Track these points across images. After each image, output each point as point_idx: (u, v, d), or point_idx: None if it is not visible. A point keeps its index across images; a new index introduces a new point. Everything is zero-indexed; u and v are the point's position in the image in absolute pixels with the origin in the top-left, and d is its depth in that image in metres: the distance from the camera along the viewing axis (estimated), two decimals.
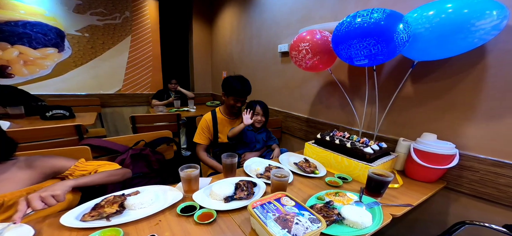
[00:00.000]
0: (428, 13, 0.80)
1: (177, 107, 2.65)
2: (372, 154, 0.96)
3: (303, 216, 0.63)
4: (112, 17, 2.71)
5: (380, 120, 1.17)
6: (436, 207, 1.05)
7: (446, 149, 0.89)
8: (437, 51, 0.85)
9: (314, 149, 1.17)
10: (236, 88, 1.31)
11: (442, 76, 0.97)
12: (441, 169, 0.90)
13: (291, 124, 1.87)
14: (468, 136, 0.92)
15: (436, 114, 1.00)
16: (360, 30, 0.85)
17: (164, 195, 0.79)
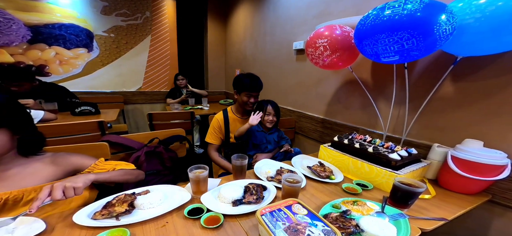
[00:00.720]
0: (478, 2, 0.68)
1: (191, 105, 2.70)
2: (399, 160, 0.85)
3: (316, 227, 0.57)
4: (134, 17, 2.84)
5: (410, 123, 1.05)
6: (475, 221, 0.91)
7: (495, 159, 0.76)
8: (488, 45, 0.72)
9: (330, 152, 1.09)
10: (246, 84, 1.30)
11: (492, 74, 0.83)
12: (487, 181, 0.77)
13: (305, 125, 1.79)
14: None
15: (483, 118, 0.86)
16: (390, 23, 0.75)
17: (173, 195, 0.78)
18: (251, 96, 1.32)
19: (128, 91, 3.01)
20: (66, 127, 1.37)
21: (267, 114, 1.34)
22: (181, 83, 2.84)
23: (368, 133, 1.24)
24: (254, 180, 0.89)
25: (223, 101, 3.19)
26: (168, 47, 3.14)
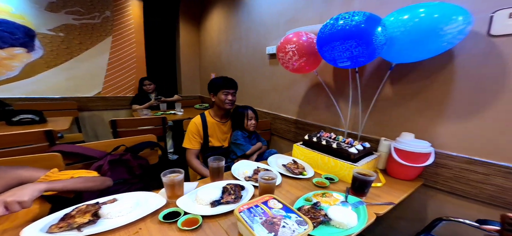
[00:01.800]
0: (403, 17, 0.85)
1: (163, 111, 2.56)
2: (357, 154, 0.99)
3: (290, 218, 0.63)
4: (90, 16, 2.57)
5: (363, 120, 1.22)
6: (416, 204, 1.10)
7: (422, 148, 0.94)
8: (411, 54, 0.89)
9: (302, 150, 1.18)
10: (221, 82, 1.34)
11: (417, 78, 1.03)
12: (419, 167, 0.95)
13: (280, 126, 1.89)
14: (442, 134, 0.98)
15: (413, 114, 1.06)
16: (342, 33, 0.88)
17: (145, 202, 0.75)
18: (228, 93, 1.35)
19: (84, 97, 2.68)
20: (4, 138, 1.15)
21: (249, 119, 1.41)
22: (148, 88, 2.66)
23: (333, 131, 1.39)
24: (232, 180, 0.91)
25: (198, 106, 3.11)
26: (134, 50, 2.92)
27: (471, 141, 0.90)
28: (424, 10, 0.80)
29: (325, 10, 1.39)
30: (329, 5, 1.37)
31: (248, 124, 1.40)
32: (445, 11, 0.78)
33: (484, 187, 0.88)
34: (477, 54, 0.86)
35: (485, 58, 0.84)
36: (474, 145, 0.90)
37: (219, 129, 1.44)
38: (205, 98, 3.41)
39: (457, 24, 0.76)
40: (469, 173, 0.91)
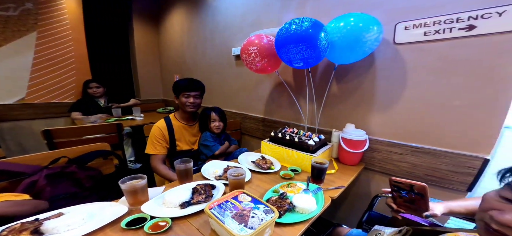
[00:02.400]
0: (339, 25, 1.00)
1: (117, 116, 2.28)
2: (314, 145, 1.12)
3: (258, 209, 0.68)
4: (2, 7, 2.06)
5: (318, 115, 1.38)
6: (362, 185, 1.31)
7: (360, 136, 1.14)
8: (347, 56, 1.06)
9: (270, 146, 1.26)
10: (182, 84, 1.31)
11: (354, 77, 1.23)
12: (359, 153, 1.14)
13: (249, 125, 1.95)
14: (372, 123, 1.19)
15: (353, 107, 1.26)
16: (295, 36, 0.97)
17: (102, 212, 0.68)
18: (189, 96, 1.32)
19: (1, 105, 2.15)
20: None
21: (212, 121, 1.40)
22: (95, 92, 2.32)
23: (295, 126, 1.51)
24: (202, 181, 0.91)
25: (162, 110, 2.89)
26: (71, 49, 2.49)
27: (391, 127, 1.13)
28: (353, 19, 0.97)
29: (283, 14, 1.51)
30: (286, 10, 1.49)
31: (212, 126, 1.40)
32: (366, 21, 0.95)
33: (401, 165, 1.12)
34: (388, 58, 1.09)
35: (393, 62, 1.07)
36: (392, 131, 1.13)
37: (188, 132, 1.40)
38: (170, 101, 3.20)
39: (373, 32, 0.95)
40: (391, 154, 1.14)
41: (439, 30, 0.92)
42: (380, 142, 1.16)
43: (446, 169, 0.98)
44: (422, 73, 1.00)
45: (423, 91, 1.01)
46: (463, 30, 0.87)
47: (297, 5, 1.40)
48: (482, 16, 0.82)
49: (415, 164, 1.07)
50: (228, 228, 0.59)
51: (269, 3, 1.58)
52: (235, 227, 0.59)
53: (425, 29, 0.95)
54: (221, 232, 0.63)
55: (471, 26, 0.85)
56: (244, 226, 0.60)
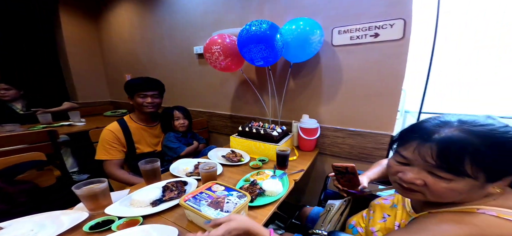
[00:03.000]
0: (291, 27, 1.13)
1: (46, 123, 1.92)
2: (278, 136, 1.23)
3: (232, 195, 0.73)
4: None
5: (280, 108, 1.52)
6: (318, 169, 1.51)
7: (313, 124, 1.32)
8: (299, 55, 1.20)
9: (238, 140, 1.32)
10: (138, 84, 1.23)
11: (306, 74, 1.40)
12: (314, 139, 1.33)
13: (217, 122, 1.95)
14: (322, 113, 1.40)
15: (307, 100, 1.44)
16: (255, 37, 1.06)
17: (55, 221, 0.60)
18: (146, 96, 1.25)
19: None
20: None
21: (176, 119, 1.35)
22: (5, 95, 1.88)
23: (260, 120, 1.60)
24: (172, 179, 0.89)
25: (110, 113, 2.57)
26: None
27: (334, 115, 1.35)
28: (302, 23, 1.12)
29: (244, 14, 1.57)
30: (246, 11, 1.55)
31: (176, 124, 1.36)
32: (311, 25, 1.11)
33: (343, 147, 1.35)
34: (328, 58, 1.30)
35: (332, 61, 1.28)
36: (336, 118, 1.35)
37: (148, 134, 1.32)
38: (121, 103, 2.87)
39: (317, 35, 1.12)
40: (336, 138, 1.36)
41: (359, 36, 1.15)
42: (328, 129, 1.37)
43: (370, 146, 1.24)
44: (350, 70, 1.23)
45: (352, 85, 1.24)
46: (372, 37, 1.11)
47: (256, 6, 1.48)
48: (382, 27, 1.08)
49: (352, 145, 1.31)
50: (206, 215, 0.62)
51: (230, 4, 1.61)
52: (212, 213, 0.63)
53: (350, 35, 1.17)
54: (199, 220, 0.66)
55: (376, 34, 1.10)
56: (220, 211, 0.64)
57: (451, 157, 0.42)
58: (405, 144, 0.49)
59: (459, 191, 0.43)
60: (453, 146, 0.42)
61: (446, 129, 0.44)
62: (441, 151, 0.42)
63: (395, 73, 1.10)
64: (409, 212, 0.58)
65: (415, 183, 0.47)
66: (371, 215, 0.68)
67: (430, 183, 0.45)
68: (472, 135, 0.41)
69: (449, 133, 0.43)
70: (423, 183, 0.46)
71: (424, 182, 0.46)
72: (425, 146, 0.45)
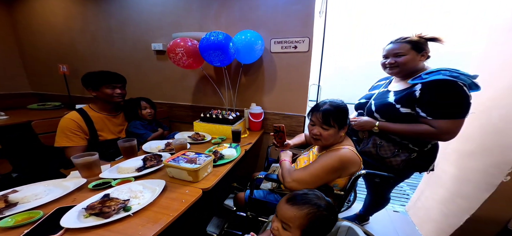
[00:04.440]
0: (241, 37, 1.46)
1: None
2: (233, 119, 1.55)
3: (201, 156, 1.00)
4: None
5: (235, 99, 1.83)
6: (264, 144, 1.92)
7: (259, 110, 1.72)
8: (247, 58, 1.55)
9: (201, 124, 1.57)
10: (106, 76, 1.29)
11: (254, 72, 1.77)
12: (260, 121, 1.72)
13: (179, 112, 2.09)
14: (265, 101, 1.80)
15: (255, 92, 1.81)
16: (213, 45, 1.34)
17: (58, 185, 0.73)
18: (115, 87, 1.32)
19: None
20: None
21: (144, 108, 1.46)
22: None
23: (219, 109, 1.86)
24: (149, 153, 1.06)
25: (37, 106, 2.24)
26: None
27: (273, 103, 1.78)
28: (249, 35, 1.46)
29: (203, 20, 1.77)
30: (205, 17, 1.76)
31: (144, 113, 1.48)
32: (255, 36, 1.48)
33: None
34: (268, 61, 1.70)
35: (270, 63, 1.69)
36: (274, 105, 1.78)
37: (111, 122, 1.37)
38: (48, 95, 2.55)
39: (259, 45, 1.50)
40: (274, 120, 1.80)
41: (286, 46, 1.59)
42: (269, 113, 1.79)
43: (295, 124, 1.73)
44: (281, 71, 1.67)
45: (282, 81, 1.69)
46: (293, 48, 1.58)
47: (214, 15, 1.72)
48: (298, 42, 1.55)
49: (285, 124, 1.77)
50: (185, 167, 0.87)
51: (190, 9, 1.77)
52: (189, 166, 0.88)
53: (282, 45, 1.60)
54: (180, 174, 0.90)
55: (295, 46, 1.57)
56: (195, 164, 0.91)
57: (326, 117, 0.87)
58: (311, 115, 0.93)
59: (332, 135, 0.89)
60: (326, 112, 0.87)
61: (325, 105, 0.89)
62: (323, 115, 0.87)
63: (305, 75, 1.60)
64: (316, 154, 1.02)
65: (317, 134, 0.90)
66: (297, 163, 1.09)
67: (322, 132, 0.89)
68: (332, 106, 0.88)
69: (325, 106, 0.89)
70: (319, 133, 0.89)
71: (320, 132, 0.89)
72: (317, 113, 0.89)
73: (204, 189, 0.86)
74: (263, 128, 1.81)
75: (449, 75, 0.84)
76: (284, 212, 0.61)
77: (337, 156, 0.85)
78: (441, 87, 0.85)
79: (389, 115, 0.99)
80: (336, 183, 0.91)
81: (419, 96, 0.89)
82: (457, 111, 0.85)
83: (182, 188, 0.85)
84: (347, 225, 0.70)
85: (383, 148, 1.04)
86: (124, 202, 0.69)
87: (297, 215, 0.59)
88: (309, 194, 0.64)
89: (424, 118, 0.90)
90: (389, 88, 1.09)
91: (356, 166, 0.87)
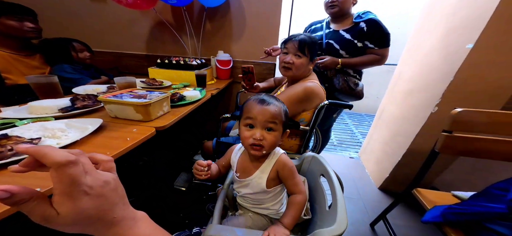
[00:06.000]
0: None
1: None
2: (197, 65, 1.30)
3: (154, 93, 0.78)
4: None
5: (199, 47, 1.55)
6: (233, 92, 1.72)
7: (227, 57, 1.49)
8: (211, 1, 1.27)
9: (158, 70, 1.29)
10: (3, 4, 0.91)
11: (220, 18, 1.49)
12: (228, 69, 1.51)
13: (130, 62, 1.70)
14: (234, 49, 1.57)
15: (222, 39, 1.56)
16: None
17: None
18: (22, 19, 0.94)
19: None
20: None
21: (80, 51, 1.11)
22: None
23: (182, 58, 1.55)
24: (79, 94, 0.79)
25: None
26: None
27: (242, 51, 1.56)
28: None
29: None
30: None
31: (81, 57, 1.13)
32: None
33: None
34: (236, 7, 1.42)
35: (238, 10, 1.43)
36: (243, 53, 1.57)
37: (23, 64, 1.01)
38: None
39: None
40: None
41: None
42: (238, 61, 1.58)
43: (266, 72, 1.58)
44: (251, 17, 1.44)
45: (253, 28, 1.47)
46: None
47: None
48: None
49: (255, 72, 1.59)
50: (131, 102, 0.66)
51: None
52: (137, 101, 0.67)
53: None
54: (124, 111, 0.68)
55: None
56: (144, 99, 0.70)
57: (302, 45, 0.83)
58: (286, 44, 0.87)
59: (303, 64, 0.85)
60: (303, 41, 0.83)
61: (301, 35, 0.85)
62: (299, 42, 0.83)
63: (275, 22, 1.41)
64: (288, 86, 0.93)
65: (290, 62, 0.85)
66: None
67: (295, 61, 0.84)
68: (308, 37, 0.85)
69: (302, 36, 0.85)
70: (292, 61, 0.84)
71: (293, 61, 0.84)
72: (294, 41, 0.84)
73: (159, 127, 0.68)
74: (232, 76, 1.62)
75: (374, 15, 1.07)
76: (266, 111, 0.54)
77: (302, 86, 0.84)
78: (379, 24, 1.06)
79: (351, 51, 1.12)
80: (302, 117, 0.89)
81: (367, 31, 1.06)
82: (388, 40, 1.08)
83: (128, 126, 0.65)
84: (311, 154, 0.73)
85: (351, 81, 1.14)
86: (32, 140, 0.47)
87: (278, 109, 0.55)
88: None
89: (372, 49, 1.09)
90: (335, 29, 1.16)
91: (320, 98, 0.86)
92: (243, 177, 0.61)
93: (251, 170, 0.60)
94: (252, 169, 0.60)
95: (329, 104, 0.85)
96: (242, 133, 0.56)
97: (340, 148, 2.17)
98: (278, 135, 0.55)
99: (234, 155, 0.66)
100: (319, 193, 0.63)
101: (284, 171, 0.57)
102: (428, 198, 0.82)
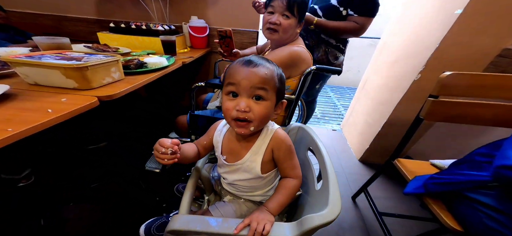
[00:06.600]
0: None
1: None
2: (164, 31, 1.07)
3: (97, 56, 0.59)
4: None
5: (167, 11, 1.28)
6: (211, 62, 1.51)
7: (202, 24, 1.27)
8: None
9: (111, 36, 1.02)
10: None
11: None
12: (204, 36, 1.29)
13: (77, 28, 1.37)
14: (210, 15, 1.34)
15: (195, 4, 1.31)
16: None
17: None
18: None
19: None
20: None
21: None
22: None
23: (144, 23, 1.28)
24: None
25: None
26: None
27: (219, 17, 1.34)
28: None
29: None
30: None
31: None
32: None
33: None
34: None
35: None
36: (221, 19, 1.34)
37: None
38: None
39: None
40: None
41: None
42: (215, 29, 1.35)
43: (247, 42, 1.38)
44: None
45: None
46: None
47: None
48: None
49: (236, 41, 1.40)
50: (57, 63, 0.46)
51: None
52: (66, 63, 0.48)
53: None
54: (49, 76, 0.49)
55: None
56: (76, 61, 0.51)
57: (290, 4, 0.69)
58: (272, 1, 0.71)
59: (291, 26, 0.71)
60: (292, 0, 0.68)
61: None
62: (287, 1, 0.69)
63: None
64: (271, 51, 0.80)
65: (276, 23, 0.70)
66: None
67: (282, 21, 0.70)
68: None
69: None
70: (279, 22, 0.70)
71: (280, 21, 0.70)
72: None
73: (104, 97, 0.50)
74: (209, 45, 1.40)
75: None
76: (253, 74, 0.40)
77: (287, 49, 0.73)
78: None
79: (334, 18, 0.99)
80: (287, 84, 0.78)
81: None
82: (373, 10, 0.94)
83: (54, 96, 0.47)
84: (297, 125, 0.65)
85: (332, 54, 1.04)
86: None
87: (270, 72, 0.42)
88: None
89: (352, 16, 0.95)
90: None
91: (307, 63, 0.76)
92: (231, 161, 0.48)
93: (240, 152, 0.47)
94: (241, 150, 0.47)
95: (316, 70, 0.74)
96: (223, 103, 0.42)
97: (323, 120, 2.15)
98: (269, 105, 0.42)
99: (218, 133, 0.52)
100: (307, 167, 0.55)
101: (280, 150, 0.46)
102: (408, 168, 0.79)
